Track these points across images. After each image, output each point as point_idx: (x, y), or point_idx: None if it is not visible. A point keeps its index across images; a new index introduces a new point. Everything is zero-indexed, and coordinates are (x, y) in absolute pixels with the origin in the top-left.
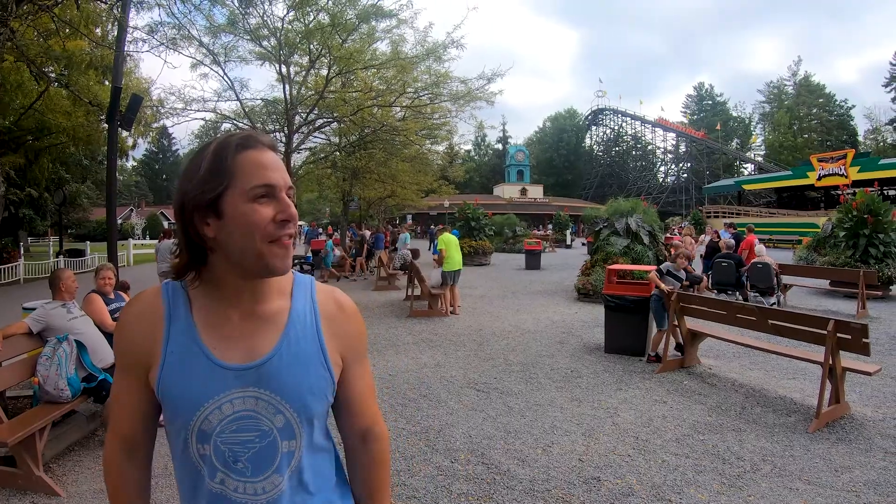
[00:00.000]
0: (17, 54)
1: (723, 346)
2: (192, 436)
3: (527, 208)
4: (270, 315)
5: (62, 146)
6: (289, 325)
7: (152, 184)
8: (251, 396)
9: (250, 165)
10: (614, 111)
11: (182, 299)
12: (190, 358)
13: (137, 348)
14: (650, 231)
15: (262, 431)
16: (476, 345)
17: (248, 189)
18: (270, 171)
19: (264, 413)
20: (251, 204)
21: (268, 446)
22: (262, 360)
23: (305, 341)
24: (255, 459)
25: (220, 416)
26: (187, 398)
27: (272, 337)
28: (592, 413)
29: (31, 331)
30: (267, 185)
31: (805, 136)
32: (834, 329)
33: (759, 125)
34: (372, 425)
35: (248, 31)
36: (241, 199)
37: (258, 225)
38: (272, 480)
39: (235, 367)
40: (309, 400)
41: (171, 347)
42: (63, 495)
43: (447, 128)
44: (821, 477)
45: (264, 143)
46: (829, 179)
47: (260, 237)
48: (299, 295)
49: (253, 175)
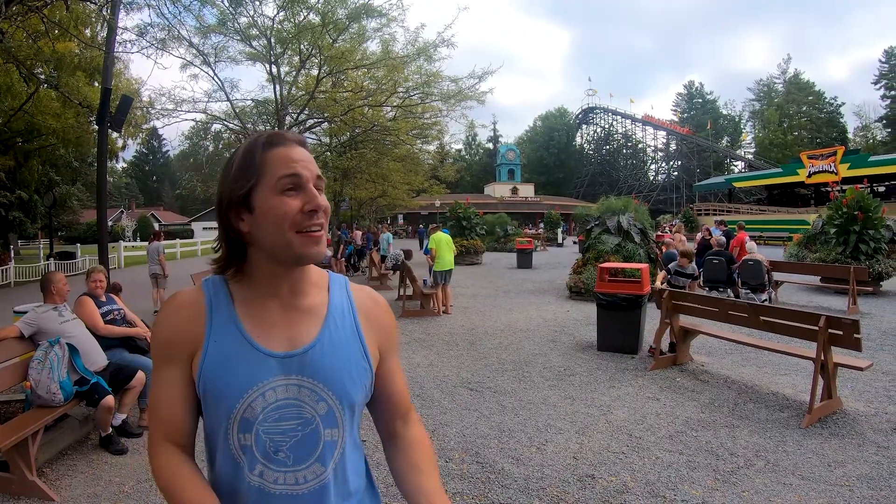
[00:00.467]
0: (7, 56)
1: (715, 342)
2: (234, 425)
3: (518, 207)
4: (310, 307)
5: (52, 148)
6: (328, 317)
7: (143, 185)
8: (294, 384)
9: (277, 160)
10: (604, 110)
11: (223, 292)
12: (234, 346)
13: (181, 337)
14: (641, 229)
15: (304, 419)
16: (468, 344)
17: (275, 182)
18: (297, 164)
19: (307, 401)
20: (279, 196)
21: (310, 434)
22: (305, 349)
23: (345, 332)
24: (297, 448)
25: (264, 403)
26: (232, 385)
27: (313, 327)
28: (586, 411)
29: (22, 335)
30: (293, 176)
31: (795, 133)
32: (826, 325)
33: (749, 123)
34: (408, 414)
35: (238, 32)
36: (269, 192)
37: (287, 216)
38: (314, 469)
39: (279, 354)
40: (350, 387)
41: (215, 336)
42: (57, 500)
43: (438, 127)
44: (814, 472)
45: (291, 140)
46: (819, 176)
47: (289, 227)
48: (336, 290)
49: (280, 169)
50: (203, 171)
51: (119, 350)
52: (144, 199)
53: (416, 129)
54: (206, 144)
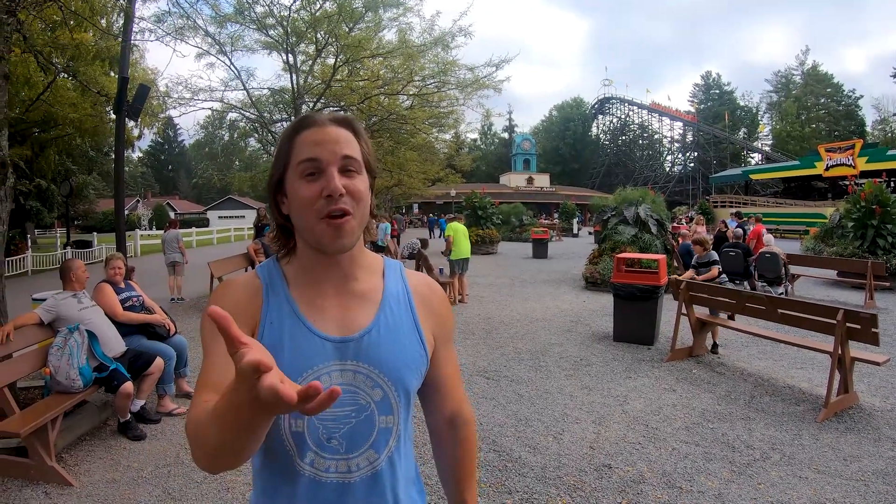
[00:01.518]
0: (25, 45)
1: (731, 334)
2: None
3: (533, 197)
4: (365, 292)
5: (68, 138)
6: (384, 302)
7: (158, 175)
8: (350, 370)
9: (301, 144)
10: (621, 100)
11: (278, 276)
12: (290, 329)
13: (240, 312)
14: (658, 220)
15: (359, 406)
16: (485, 333)
17: (297, 163)
18: (318, 147)
19: (362, 387)
20: (300, 181)
21: (364, 420)
22: (362, 333)
23: (401, 317)
24: (351, 435)
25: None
26: (286, 368)
27: (369, 312)
28: (602, 401)
29: (41, 321)
30: (309, 160)
31: (813, 125)
32: (843, 319)
33: (766, 115)
34: (459, 409)
35: (254, 21)
36: (294, 177)
37: (305, 202)
38: (367, 456)
39: (335, 339)
40: (405, 373)
41: (271, 318)
42: (76, 485)
43: (454, 116)
44: (829, 466)
45: (323, 120)
46: (837, 170)
47: (310, 214)
48: (391, 276)
49: (300, 153)
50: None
51: (138, 337)
52: (160, 188)
53: (433, 117)
54: (222, 134)
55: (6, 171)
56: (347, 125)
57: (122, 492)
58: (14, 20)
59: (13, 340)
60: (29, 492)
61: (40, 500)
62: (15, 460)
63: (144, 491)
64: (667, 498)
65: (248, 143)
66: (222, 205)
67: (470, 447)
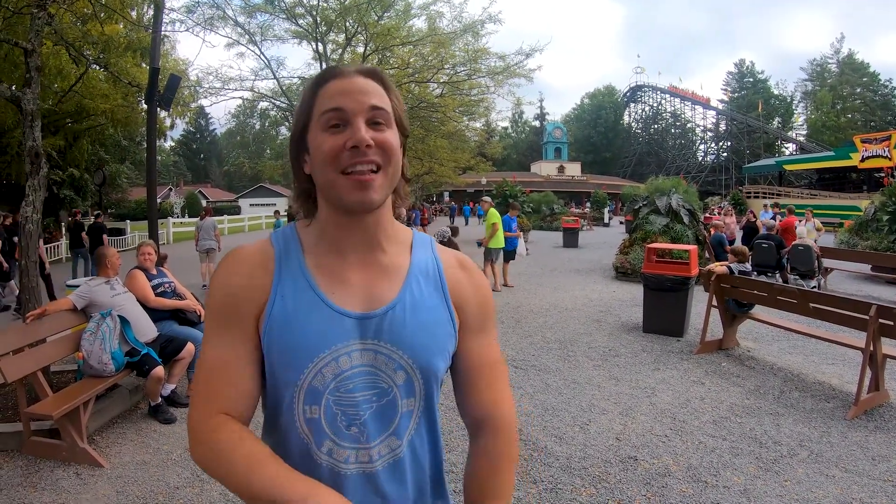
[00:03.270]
0: (56, 38)
1: (761, 328)
2: (300, 395)
3: (564, 186)
4: (390, 264)
5: (101, 128)
6: (410, 275)
7: (190, 163)
8: (370, 350)
9: (326, 95)
10: (653, 88)
11: (294, 242)
12: (304, 302)
13: (243, 290)
14: (690, 210)
15: (380, 389)
16: (514, 322)
17: (318, 118)
18: (343, 97)
19: (384, 368)
20: (323, 133)
21: (387, 405)
22: (385, 309)
23: (429, 292)
24: (372, 421)
25: (336, 369)
26: (300, 347)
27: (394, 286)
28: (630, 392)
29: (75, 307)
30: (335, 111)
31: (848, 116)
32: (876, 314)
33: (801, 104)
34: (490, 412)
35: (283, 10)
36: (316, 130)
37: (328, 154)
38: (389, 443)
39: (356, 315)
40: (431, 355)
41: (283, 291)
42: (107, 466)
43: (485, 104)
44: (857, 465)
45: (350, 71)
46: (873, 161)
47: (332, 168)
48: (420, 249)
49: (324, 103)
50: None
51: (169, 322)
52: (192, 176)
53: (463, 105)
54: (253, 122)
55: (40, 161)
56: (376, 76)
57: (152, 473)
58: (45, 14)
59: (42, 323)
60: (61, 472)
61: (72, 480)
62: (48, 442)
63: (174, 473)
64: (692, 492)
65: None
66: (253, 193)
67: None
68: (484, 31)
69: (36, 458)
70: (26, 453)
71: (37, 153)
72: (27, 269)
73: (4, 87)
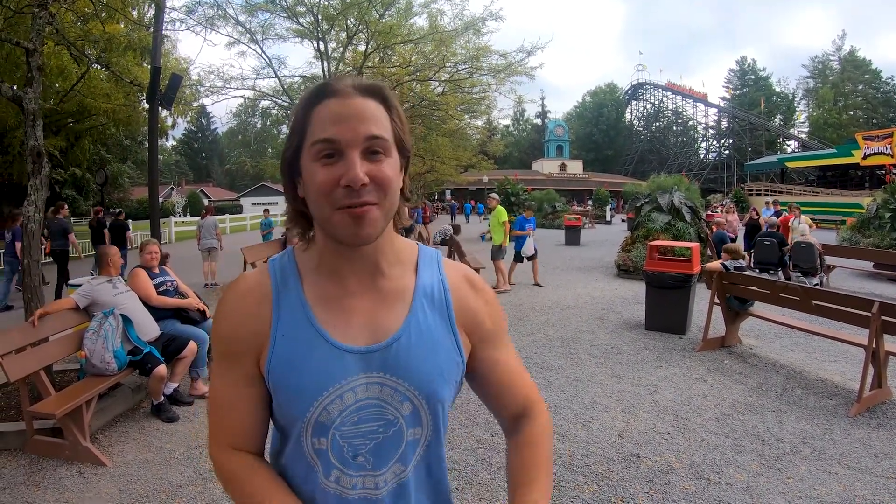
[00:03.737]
0: (58, 38)
1: (764, 325)
2: (308, 429)
3: (566, 184)
4: (393, 289)
5: (103, 128)
6: (415, 302)
7: (192, 162)
8: (375, 383)
9: (319, 119)
10: (654, 85)
11: (292, 272)
12: (305, 340)
13: (243, 331)
14: (692, 207)
15: (386, 421)
16: (516, 320)
17: (311, 145)
18: (337, 126)
19: (389, 401)
20: (315, 164)
21: (392, 436)
22: (389, 342)
23: (435, 320)
24: (378, 451)
25: (342, 405)
26: (303, 387)
27: (398, 314)
28: (632, 390)
29: (77, 306)
30: (325, 142)
31: (850, 113)
32: (879, 311)
33: (802, 101)
34: (523, 410)
35: (284, 9)
36: (308, 157)
37: (321, 189)
38: (394, 470)
39: (358, 350)
40: (438, 385)
41: (283, 329)
42: (109, 465)
43: (486, 102)
44: (860, 462)
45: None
46: (875, 158)
47: (326, 203)
48: (426, 269)
49: (317, 131)
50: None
51: (171, 321)
52: (194, 175)
53: (465, 103)
54: (255, 121)
55: (42, 161)
56: (376, 95)
57: (155, 472)
58: (46, 13)
59: (47, 322)
60: (63, 471)
61: (74, 479)
62: (50, 441)
63: (176, 471)
64: (694, 489)
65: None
66: (255, 191)
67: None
68: (485, 29)
69: (39, 456)
70: (29, 452)
71: (39, 153)
72: (29, 269)
73: (6, 87)
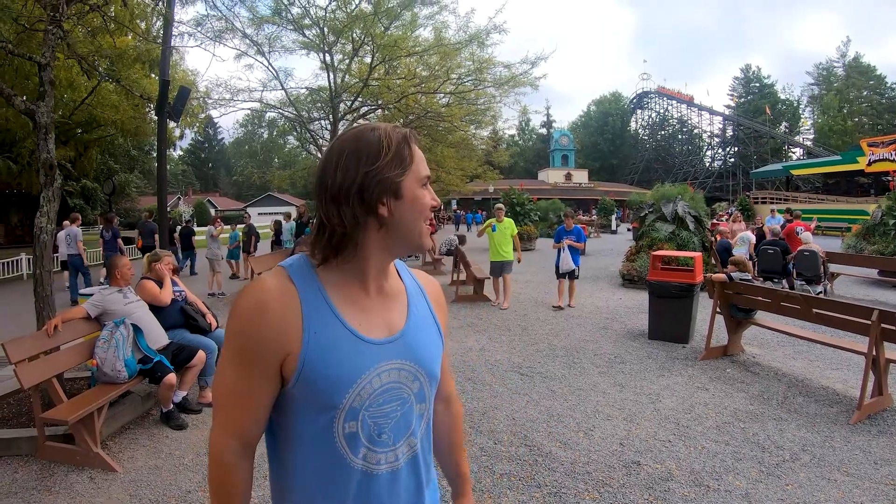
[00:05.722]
0: (69, 53)
1: (767, 334)
2: (341, 415)
3: (572, 193)
4: (394, 291)
5: (111, 138)
6: (410, 300)
7: (199, 172)
8: (395, 368)
9: (419, 157)
10: (659, 94)
11: (312, 278)
12: (335, 336)
13: (272, 335)
14: (696, 217)
15: (402, 399)
16: (520, 329)
17: (421, 176)
18: (424, 163)
19: (405, 382)
20: (422, 189)
21: (407, 411)
22: (402, 332)
23: (425, 314)
24: (397, 427)
25: (371, 389)
26: (339, 377)
27: (402, 310)
28: (634, 398)
29: (88, 315)
30: (428, 176)
31: (855, 119)
32: (878, 319)
33: (807, 108)
34: (451, 390)
35: (291, 22)
36: (416, 183)
37: (426, 207)
38: (409, 442)
39: (381, 341)
40: (434, 364)
41: (314, 328)
42: (120, 471)
43: (491, 113)
44: (860, 469)
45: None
46: (880, 165)
47: (423, 217)
48: (405, 275)
49: (421, 166)
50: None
51: (181, 330)
52: (201, 185)
53: (470, 114)
54: (262, 132)
55: (54, 174)
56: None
57: (165, 478)
58: (59, 30)
59: (61, 332)
60: (74, 477)
61: (85, 484)
62: (62, 447)
63: (185, 478)
64: (694, 496)
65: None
66: (262, 201)
67: (460, 423)
68: (490, 42)
69: (50, 462)
70: (41, 458)
71: (51, 165)
72: (41, 279)
73: (19, 100)
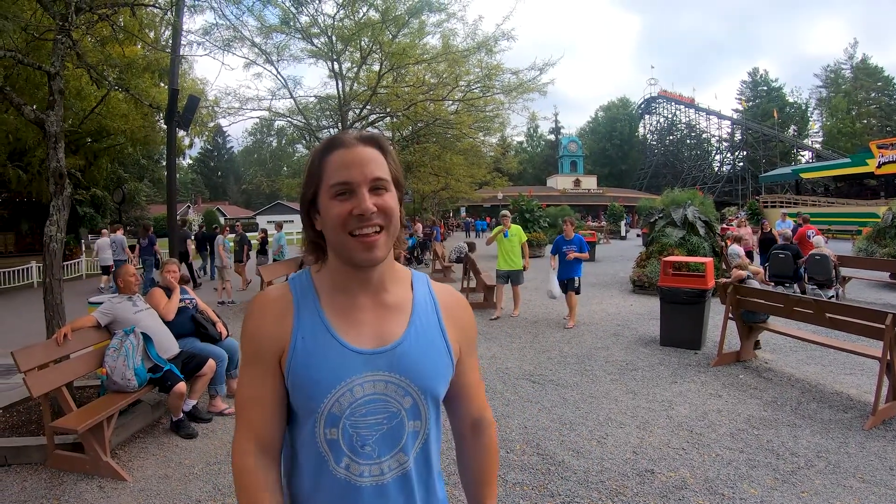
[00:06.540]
0: (79, 62)
1: (779, 339)
2: (321, 420)
3: (581, 199)
4: (396, 303)
5: (120, 147)
6: (414, 313)
7: (208, 181)
8: (381, 380)
9: (331, 166)
10: (667, 99)
11: (310, 289)
12: (321, 342)
13: (268, 334)
14: (707, 222)
15: (390, 413)
16: (531, 337)
17: (329, 186)
18: (348, 169)
19: (393, 395)
20: (332, 200)
21: (396, 426)
22: (394, 345)
23: (430, 328)
24: (382, 441)
25: (351, 398)
26: (318, 381)
27: (400, 323)
28: (647, 406)
29: (98, 324)
30: (342, 183)
31: (864, 121)
32: (892, 323)
33: (816, 111)
34: (481, 414)
35: (299, 30)
36: (326, 196)
37: (337, 220)
38: (397, 458)
39: (367, 351)
40: (434, 383)
41: (302, 333)
42: (129, 480)
43: (500, 120)
44: (875, 475)
45: (352, 141)
46: (890, 167)
47: (342, 231)
48: (419, 287)
49: (332, 175)
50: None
51: (191, 339)
52: (210, 193)
53: (478, 121)
54: (270, 140)
55: (64, 182)
56: (375, 144)
57: (174, 487)
58: (69, 40)
59: (71, 341)
60: (84, 485)
61: (95, 493)
62: (71, 455)
63: (195, 487)
64: None
65: (295, 148)
66: (271, 210)
67: (492, 453)
68: (498, 49)
69: (60, 471)
70: (51, 466)
71: (61, 174)
72: (51, 287)
73: (28, 109)
